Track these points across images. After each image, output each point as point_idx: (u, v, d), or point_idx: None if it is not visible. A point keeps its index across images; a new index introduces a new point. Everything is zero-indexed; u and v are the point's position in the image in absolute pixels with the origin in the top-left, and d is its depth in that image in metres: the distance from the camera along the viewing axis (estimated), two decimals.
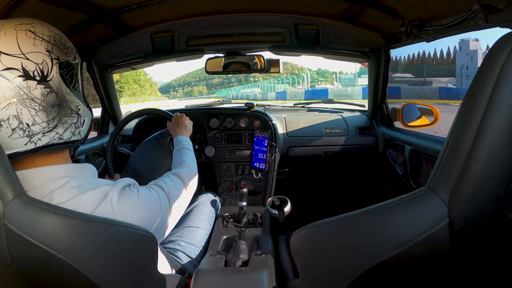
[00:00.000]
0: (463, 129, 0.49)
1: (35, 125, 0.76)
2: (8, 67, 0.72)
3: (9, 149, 0.74)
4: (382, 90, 2.17)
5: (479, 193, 0.48)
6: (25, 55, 0.74)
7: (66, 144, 0.85)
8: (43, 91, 0.77)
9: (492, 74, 0.46)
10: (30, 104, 0.75)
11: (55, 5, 1.18)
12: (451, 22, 1.28)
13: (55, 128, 0.80)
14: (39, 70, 0.76)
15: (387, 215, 0.56)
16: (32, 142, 0.77)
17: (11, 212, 0.63)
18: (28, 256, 0.66)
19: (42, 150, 0.79)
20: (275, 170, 2.28)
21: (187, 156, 1.41)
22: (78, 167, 0.87)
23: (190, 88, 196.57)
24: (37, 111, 0.76)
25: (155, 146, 1.66)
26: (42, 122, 0.77)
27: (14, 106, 0.73)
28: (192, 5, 1.64)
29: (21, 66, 0.73)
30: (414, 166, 1.80)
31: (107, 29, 1.70)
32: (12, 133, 0.74)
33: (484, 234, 0.51)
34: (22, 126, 0.74)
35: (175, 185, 1.16)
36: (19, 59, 0.73)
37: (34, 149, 0.77)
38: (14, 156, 0.75)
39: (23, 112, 0.74)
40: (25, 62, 0.74)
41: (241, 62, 2.19)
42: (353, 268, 0.58)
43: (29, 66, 0.74)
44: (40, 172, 0.79)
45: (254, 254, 1.57)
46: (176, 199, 1.11)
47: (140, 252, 0.82)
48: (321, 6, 1.67)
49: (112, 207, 0.81)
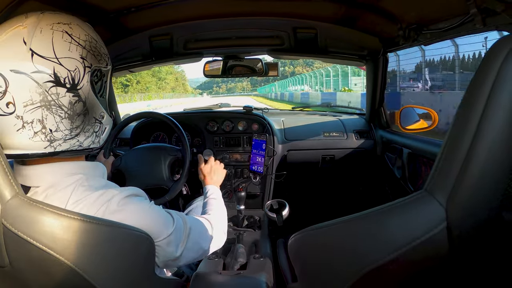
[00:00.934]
0: (460, 132, 0.49)
1: (57, 132, 0.75)
2: (40, 71, 0.70)
3: (27, 149, 0.74)
4: (380, 94, 2.18)
5: (477, 196, 0.48)
6: (59, 59, 0.72)
7: (84, 151, 0.85)
8: (71, 100, 0.76)
9: (489, 77, 0.46)
10: (57, 111, 0.74)
11: (55, 7, 1.18)
12: (449, 26, 1.28)
13: (77, 136, 0.80)
14: (71, 77, 0.75)
15: (384, 218, 0.56)
16: (52, 146, 0.76)
17: (9, 211, 0.63)
18: (26, 255, 0.66)
19: (60, 154, 0.79)
20: (273, 174, 2.28)
21: (217, 211, 1.28)
22: (92, 165, 0.88)
23: (234, 84, 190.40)
24: (62, 119, 0.75)
25: (155, 157, 1.63)
26: (65, 129, 0.77)
27: (40, 110, 0.72)
28: (191, 9, 1.64)
29: (53, 71, 0.72)
30: (413, 169, 1.80)
31: (106, 32, 1.70)
32: (34, 136, 0.73)
33: (482, 237, 0.51)
34: (45, 131, 0.74)
35: (199, 224, 1.08)
36: (52, 63, 0.71)
37: (52, 153, 0.77)
38: (32, 155, 0.75)
39: (48, 118, 0.73)
40: (58, 67, 0.72)
41: (239, 66, 2.19)
42: (351, 272, 0.58)
43: (61, 72, 0.73)
44: (53, 168, 0.80)
45: (252, 257, 1.57)
46: (195, 236, 1.01)
47: (137, 253, 0.82)
48: (319, 10, 1.68)
49: (113, 211, 0.80)
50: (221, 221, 1.22)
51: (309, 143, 2.31)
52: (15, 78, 0.68)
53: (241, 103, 2.60)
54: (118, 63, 2.16)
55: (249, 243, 1.84)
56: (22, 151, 0.74)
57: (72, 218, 0.68)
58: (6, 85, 0.68)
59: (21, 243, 0.64)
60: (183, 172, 1.57)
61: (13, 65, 0.68)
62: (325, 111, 2.90)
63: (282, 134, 2.35)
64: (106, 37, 1.77)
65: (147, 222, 0.84)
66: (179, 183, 1.56)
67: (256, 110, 2.41)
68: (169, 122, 1.65)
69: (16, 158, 0.77)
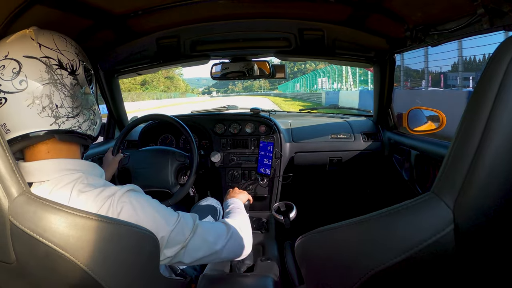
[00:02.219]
0: (468, 134, 0.49)
1: (62, 108, 0.87)
2: (47, 56, 0.84)
3: (35, 127, 0.83)
4: (388, 95, 2.17)
5: (485, 198, 0.47)
6: (60, 51, 0.88)
7: (82, 136, 0.94)
8: (72, 81, 0.90)
9: (497, 77, 0.46)
10: (61, 88, 0.87)
11: (62, 11, 1.19)
12: (456, 27, 1.28)
13: (77, 116, 0.91)
14: (70, 64, 0.90)
15: (392, 220, 0.56)
16: (56, 123, 0.86)
17: (16, 208, 0.65)
18: (32, 252, 0.68)
19: (61, 136, 0.88)
20: (281, 176, 2.28)
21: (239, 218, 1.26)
22: (90, 164, 0.94)
23: (251, 83, 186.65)
24: (65, 96, 0.88)
25: (162, 160, 1.63)
26: (68, 107, 0.88)
27: (48, 86, 0.84)
28: (198, 11, 1.64)
29: (57, 58, 0.86)
30: (421, 171, 1.79)
31: (114, 35, 1.71)
32: (42, 110, 0.83)
33: (490, 239, 0.51)
34: (52, 106, 0.85)
35: (212, 224, 1.09)
36: (56, 53, 0.86)
37: (56, 131, 0.86)
38: (36, 137, 0.84)
39: (55, 94, 0.85)
40: (60, 56, 0.87)
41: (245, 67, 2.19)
42: (358, 274, 0.58)
43: (63, 60, 0.88)
44: (54, 164, 0.86)
45: (260, 259, 1.57)
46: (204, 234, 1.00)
47: (142, 251, 0.83)
48: (326, 11, 1.67)
49: (118, 205, 0.83)
50: (243, 228, 1.18)
51: (316, 145, 2.31)
52: (27, 61, 0.81)
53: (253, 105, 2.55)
54: (126, 66, 2.18)
55: (256, 245, 1.84)
56: (29, 129, 0.83)
57: (78, 215, 0.69)
58: (20, 66, 0.81)
59: (27, 239, 0.65)
60: (190, 176, 1.57)
61: (26, 52, 0.82)
62: (333, 113, 2.89)
63: (289, 136, 2.35)
64: (114, 39, 1.78)
65: (151, 215, 0.87)
66: (184, 189, 1.56)
67: (264, 112, 2.41)
68: (177, 124, 1.66)
69: (20, 142, 0.84)
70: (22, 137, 0.83)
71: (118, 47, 1.90)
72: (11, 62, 0.80)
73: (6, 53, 0.80)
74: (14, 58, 0.80)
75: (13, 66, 0.80)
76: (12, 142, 0.82)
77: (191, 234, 0.95)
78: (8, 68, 0.80)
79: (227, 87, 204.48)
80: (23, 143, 0.84)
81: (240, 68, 2.18)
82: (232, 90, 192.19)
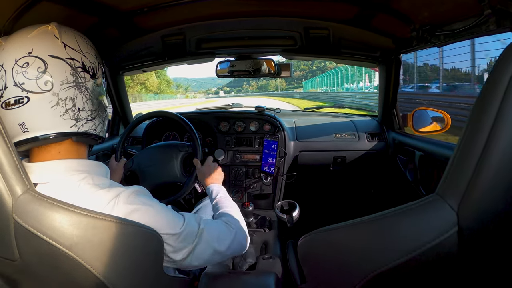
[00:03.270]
0: (473, 136, 0.48)
1: (83, 111, 0.87)
2: (72, 58, 0.84)
3: (56, 129, 0.83)
4: (393, 95, 2.16)
5: (489, 201, 0.47)
6: (83, 53, 0.88)
7: (97, 137, 0.95)
8: (93, 85, 0.90)
9: (503, 79, 0.46)
10: (84, 91, 0.87)
11: (69, 7, 1.20)
12: (462, 27, 1.27)
13: (94, 119, 0.92)
14: (92, 67, 0.90)
15: (395, 221, 0.56)
16: (76, 126, 0.86)
17: (20, 207, 0.65)
18: (35, 250, 0.68)
19: (78, 138, 0.88)
20: (285, 175, 2.28)
21: (232, 211, 1.25)
22: (96, 164, 0.93)
23: (266, 82, 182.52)
24: (87, 99, 0.88)
25: (166, 154, 1.64)
26: (88, 110, 0.89)
27: (72, 89, 0.84)
28: (204, 9, 1.65)
29: (81, 60, 0.86)
30: (425, 173, 1.78)
31: (119, 32, 1.72)
32: (65, 113, 0.83)
33: (493, 242, 0.50)
34: (74, 108, 0.85)
35: (215, 226, 1.07)
36: (80, 54, 0.86)
37: (75, 133, 0.87)
38: (55, 138, 0.84)
39: (78, 97, 0.86)
40: (83, 58, 0.87)
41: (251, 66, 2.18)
42: (360, 274, 0.58)
43: (86, 62, 0.88)
44: (59, 165, 0.85)
45: (262, 258, 1.57)
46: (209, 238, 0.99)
47: (146, 250, 0.83)
48: (332, 10, 1.67)
49: (122, 206, 0.82)
50: (238, 219, 1.20)
51: (320, 144, 2.31)
52: (53, 61, 0.81)
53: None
54: (131, 63, 2.18)
55: (258, 243, 1.84)
56: (50, 131, 0.82)
57: (82, 214, 0.70)
58: (45, 66, 0.79)
59: (31, 237, 0.66)
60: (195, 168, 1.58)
61: (51, 52, 0.81)
62: (337, 113, 2.88)
63: (293, 135, 2.35)
64: (119, 36, 1.78)
65: (156, 217, 0.86)
66: (193, 177, 1.57)
67: (268, 110, 2.41)
68: (180, 121, 1.66)
69: (35, 141, 0.82)
70: (41, 137, 0.81)
71: (123, 44, 1.91)
72: (35, 60, 0.78)
73: (29, 49, 0.79)
74: (39, 56, 0.79)
75: (38, 65, 0.78)
76: (27, 142, 0.81)
77: (197, 238, 0.95)
78: (33, 66, 0.78)
79: (241, 87, 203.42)
80: (37, 142, 0.82)
81: (245, 67, 2.17)
82: (246, 89, 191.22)
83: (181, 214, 0.96)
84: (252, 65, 2.16)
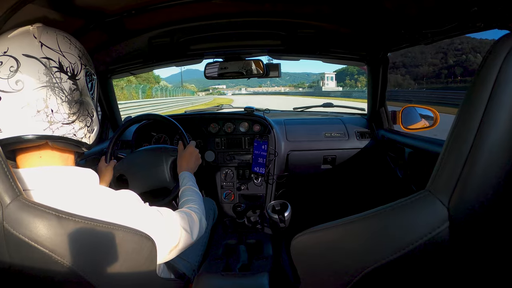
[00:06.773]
0: (462, 132, 0.49)
1: (57, 114, 0.82)
2: (48, 57, 0.81)
3: (27, 131, 0.79)
4: (381, 93, 2.18)
5: (479, 196, 0.48)
6: (62, 52, 0.84)
7: (77, 143, 0.90)
8: (71, 86, 0.85)
9: (491, 75, 0.46)
10: (59, 93, 0.82)
11: (55, 10, 1.18)
12: (450, 25, 1.28)
13: (72, 123, 0.86)
14: (71, 68, 0.86)
15: (387, 219, 0.56)
16: (50, 129, 0.82)
17: (10, 214, 0.64)
18: (27, 257, 0.67)
19: (55, 141, 0.84)
20: (275, 175, 2.28)
21: (197, 200, 1.31)
22: (84, 171, 0.90)
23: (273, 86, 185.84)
24: (62, 101, 0.83)
25: (156, 158, 1.62)
26: (64, 113, 0.84)
27: (45, 90, 0.80)
28: (191, 10, 1.64)
29: (58, 60, 0.82)
30: (415, 169, 1.80)
31: (107, 34, 1.70)
32: (36, 114, 0.79)
33: (484, 237, 0.51)
34: (47, 110, 0.80)
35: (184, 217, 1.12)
36: (57, 54, 0.83)
37: (50, 137, 0.82)
38: (28, 140, 0.80)
39: (51, 98, 0.81)
40: (62, 58, 0.83)
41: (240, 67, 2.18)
42: (353, 272, 0.58)
43: (64, 62, 0.84)
44: (46, 172, 0.83)
45: (255, 258, 1.57)
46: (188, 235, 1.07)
47: (139, 255, 0.83)
48: (319, 10, 1.68)
49: (110, 210, 0.82)
50: (201, 208, 1.27)
51: (310, 144, 2.32)
52: (26, 60, 0.78)
53: None
54: (119, 65, 2.17)
55: (251, 244, 1.84)
56: (21, 132, 0.79)
57: (72, 220, 0.69)
58: (17, 65, 0.77)
59: (22, 245, 0.65)
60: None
61: (26, 51, 0.78)
62: (327, 112, 2.89)
63: (283, 135, 2.35)
64: (107, 39, 1.77)
65: (147, 221, 0.89)
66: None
67: (258, 111, 2.41)
68: (169, 122, 1.66)
69: (12, 144, 0.80)
70: (14, 139, 0.79)
71: (111, 47, 1.89)
72: (9, 60, 0.77)
73: (5, 49, 0.78)
74: (13, 55, 0.77)
75: (11, 64, 0.77)
76: (3, 143, 0.79)
77: (180, 234, 1.01)
78: (6, 65, 0.76)
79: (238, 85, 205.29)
80: (11, 144, 0.80)
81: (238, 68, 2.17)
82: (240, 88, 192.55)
83: (159, 212, 1.00)
84: (244, 66, 2.16)
